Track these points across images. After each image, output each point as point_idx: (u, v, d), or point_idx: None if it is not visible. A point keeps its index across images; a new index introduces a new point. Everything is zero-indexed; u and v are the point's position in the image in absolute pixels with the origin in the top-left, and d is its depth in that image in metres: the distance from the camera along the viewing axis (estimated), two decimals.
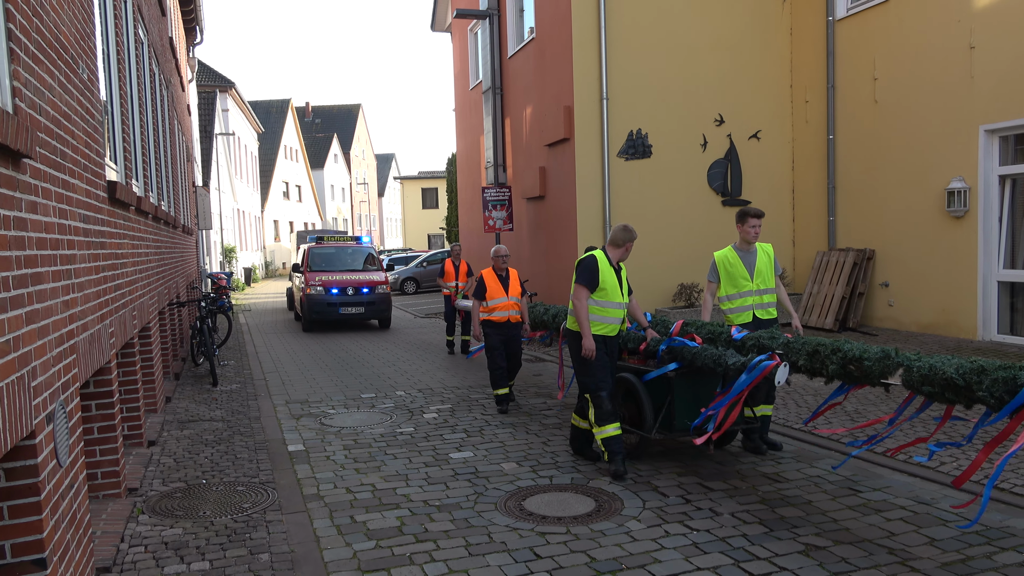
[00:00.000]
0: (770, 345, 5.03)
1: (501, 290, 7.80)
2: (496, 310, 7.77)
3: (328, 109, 61.43)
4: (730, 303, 6.11)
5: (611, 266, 5.63)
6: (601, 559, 4.06)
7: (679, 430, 5.57)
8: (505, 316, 7.76)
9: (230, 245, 29.19)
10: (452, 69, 19.66)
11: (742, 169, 12.77)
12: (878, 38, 11.19)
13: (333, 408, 8.03)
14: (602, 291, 5.57)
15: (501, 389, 7.68)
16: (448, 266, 11.83)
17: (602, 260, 5.61)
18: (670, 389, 5.55)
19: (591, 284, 5.53)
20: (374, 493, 5.24)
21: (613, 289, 5.60)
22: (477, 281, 7.82)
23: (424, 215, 54.24)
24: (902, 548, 4.08)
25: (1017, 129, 9.39)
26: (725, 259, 6.17)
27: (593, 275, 5.55)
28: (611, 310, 5.62)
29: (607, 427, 5.49)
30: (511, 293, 7.84)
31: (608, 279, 5.56)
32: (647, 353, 5.86)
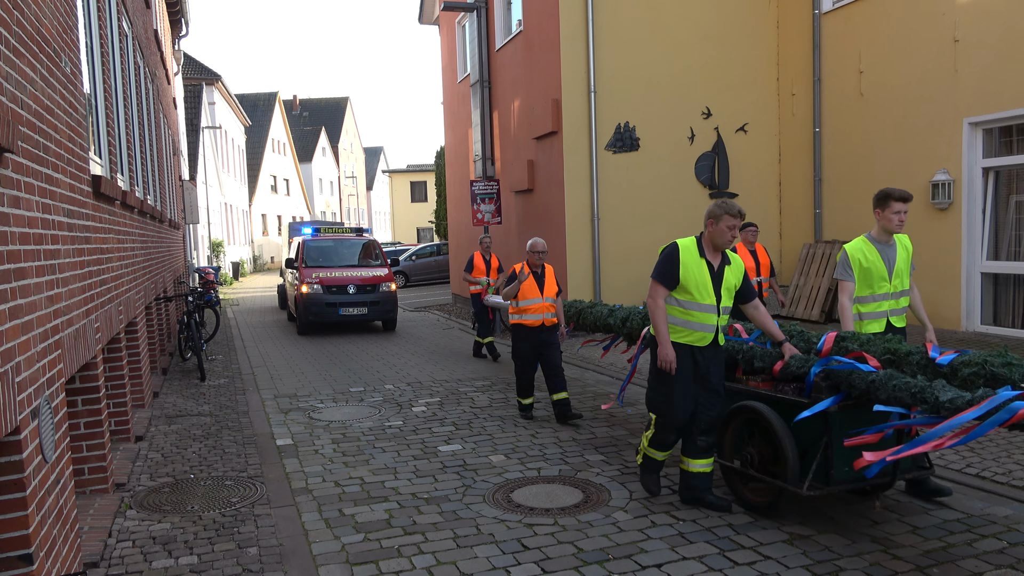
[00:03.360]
0: (1007, 375, 3.53)
1: (535, 289, 6.83)
2: (528, 312, 6.84)
3: (316, 102, 61.08)
4: (863, 307, 4.87)
5: (702, 258, 4.46)
6: (588, 550, 4.10)
7: (840, 482, 4.17)
8: (539, 319, 6.82)
9: (218, 239, 29.02)
10: (440, 62, 19.59)
11: (729, 162, 12.82)
12: (863, 31, 11.25)
13: (322, 402, 8.03)
14: (683, 291, 4.45)
15: (526, 399, 7.02)
16: (477, 260, 10.67)
17: (687, 250, 4.47)
18: (826, 428, 4.11)
19: (667, 280, 4.47)
20: (362, 486, 5.25)
21: (701, 288, 4.43)
22: (509, 278, 7.01)
23: (413, 208, 54.10)
24: (885, 536, 4.14)
25: (1000, 122, 9.47)
26: (861, 253, 4.86)
27: (670, 269, 4.46)
28: (698, 315, 4.47)
29: (659, 453, 4.78)
30: (547, 293, 6.85)
31: (694, 275, 4.43)
32: (785, 375, 4.44)
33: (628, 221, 12.26)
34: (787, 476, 4.18)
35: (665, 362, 4.44)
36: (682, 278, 4.45)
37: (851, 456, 4.05)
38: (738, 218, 4.40)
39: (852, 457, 4.02)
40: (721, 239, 4.44)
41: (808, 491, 4.11)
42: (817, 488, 4.15)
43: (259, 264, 40.95)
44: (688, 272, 4.44)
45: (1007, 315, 9.67)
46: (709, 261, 4.49)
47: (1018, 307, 9.54)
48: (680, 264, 4.45)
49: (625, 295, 11.80)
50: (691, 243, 4.52)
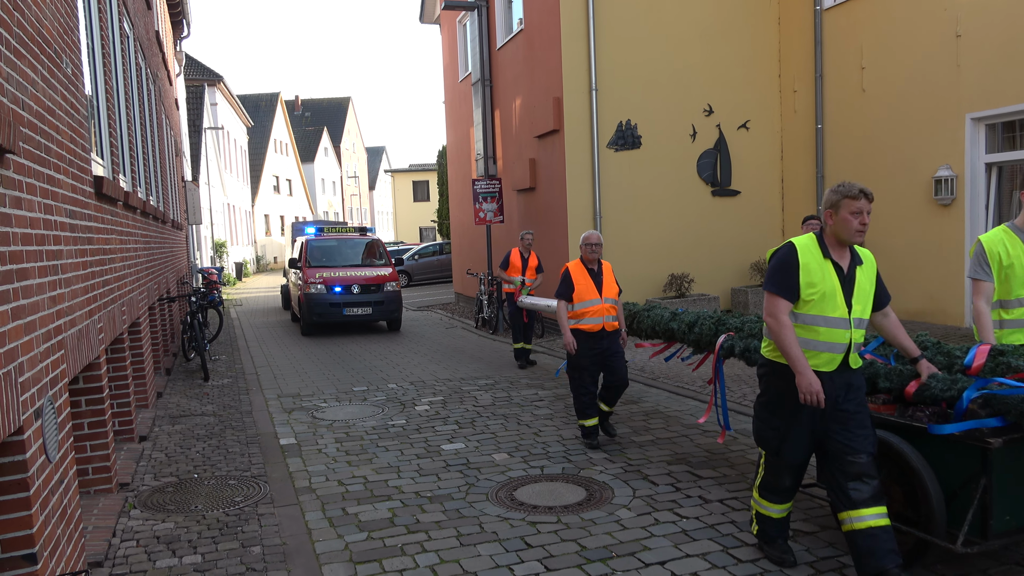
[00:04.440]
0: None
1: (593, 289, 6.00)
2: (587, 315, 5.98)
3: (318, 102, 61.11)
4: (1005, 313, 4.10)
5: (826, 258, 3.53)
6: (591, 547, 4.10)
7: (1002, 534, 3.41)
8: (599, 324, 5.96)
9: (220, 240, 29.08)
10: (441, 61, 19.59)
11: (731, 159, 12.80)
12: (865, 27, 11.22)
13: (325, 401, 8.04)
14: (808, 302, 3.51)
15: (589, 420, 6.00)
16: (514, 257, 10.02)
17: (807, 251, 3.55)
18: (985, 466, 3.31)
19: (787, 291, 3.52)
20: (366, 485, 5.26)
21: (828, 297, 3.49)
22: (563, 276, 6.10)
23: (415, 208, 54.13)
24: None
25: (1003, 117, 9.45)
26: (1002, 245, 4.08)
27: (787, 276, 3.53)
28: (825, 332, 3.51)
29: (773, 506, 3.83)
30: (606, 293, 6.02)
31: (819, 280, 3.49)
32: (921, 398, 3.64)
33: (630, 219, 12.25)
34: (930, 526, 3.41)
35: (810, 394, 3.40)
36: (803, 286, 3.49)
37: (1017, 502, 3.35)
38: (862, 199, 3.46)
39: (1018, 504, 3.35)
40: (846, 231, 3.48)
41: (963, 547, 3.32)
42: (974, 544, 3.36)
43: (262, 264, 41.00)
44: (811, 278, 3.49)
45: None
46: (836, 262, 3.53)
47: None
48: (800, 269, 3.51)
49: (628, 293, 11.79)
50: (810, 241, 3.59)
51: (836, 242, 3.57)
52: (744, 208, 12.89)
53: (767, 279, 3.62)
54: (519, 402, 7.69)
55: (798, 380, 3.45)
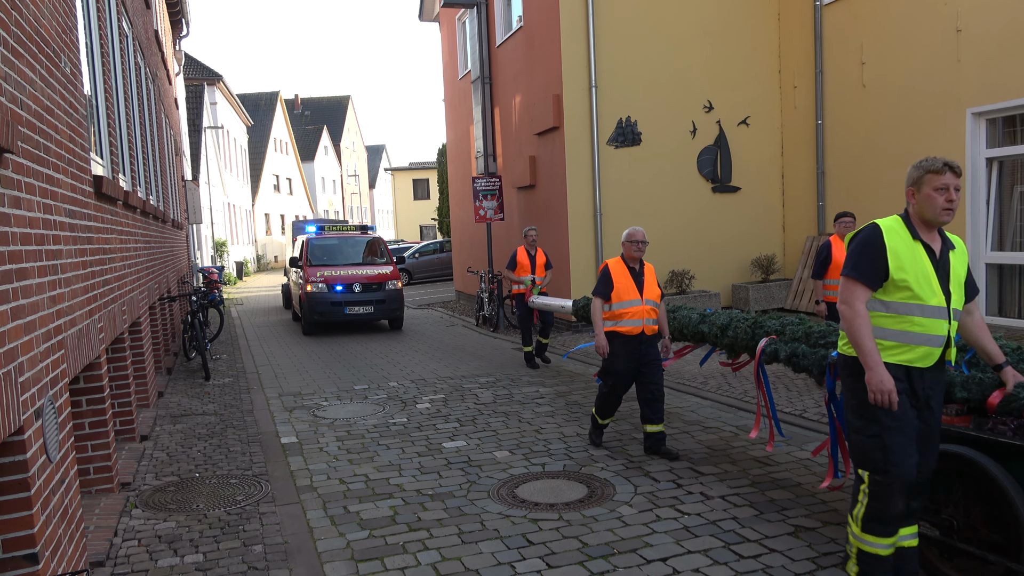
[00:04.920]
0: None
1: (633, 289, 5.63)
2: (625, 316, 5.60)
3: (317, 101, 61.07)
4: None
5: (916, 240, 3.16)
6: (593, 544, 4.10)
7: None
8: (638, 327, 5.59)
9: (221, 239, 29.08)
10: (441, 59, 19.57)
11: (731, 155, 12.78)
12: (865, 22, 11.20)
13: (326, 400, 8.04)
14: (898, 288, 3.13)
15: (605, 418, 5.85)
16: (521, 255, 9.55)
17: (894, 232, 3.18)
18: None
19: (870, 277, 3.15)
20: (367, 483, 5.26)
21: (923, 283, 3.12)
22: (601, 273, 5.77)
23: (415, 206, 54.11)
24: None
25: (1003, 112, 9.43)
26: None
27: (872, 260, 3.16)
28: (923, 322, 3.14)
29: (881, 541, 3.18)
30: (647, 295, 5.64)
31: (910, 265, 3.12)
32: (1006, 410, 3.31)
33: (631, 216, 12.23)
34: (1022, 554, 3.07)
35: (881, 392, 3.05)
36: (893, 271, 3.11)
37: None
38: (947, 173, 3.10)
39: None
40: (931, 210, 3.12)
41: None
42: None
43: (263, 263, 41.01)
44: (901, 262, 3.11)
45: (1012, 306, 9.63)
46: (926, 243, 3.17)
47: (1023, 298, 9.51)
48: (887, 251, 3.12)
49: None
50: (896, 223, 3.21)
51: (922, 223, 3.19)
52: (744, 204, 12.88)
53: (846, 262, 3.25)
54: (520, 399, 7.68)
55: (868, 377, 3.08)
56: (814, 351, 4.40)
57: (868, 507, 3.18)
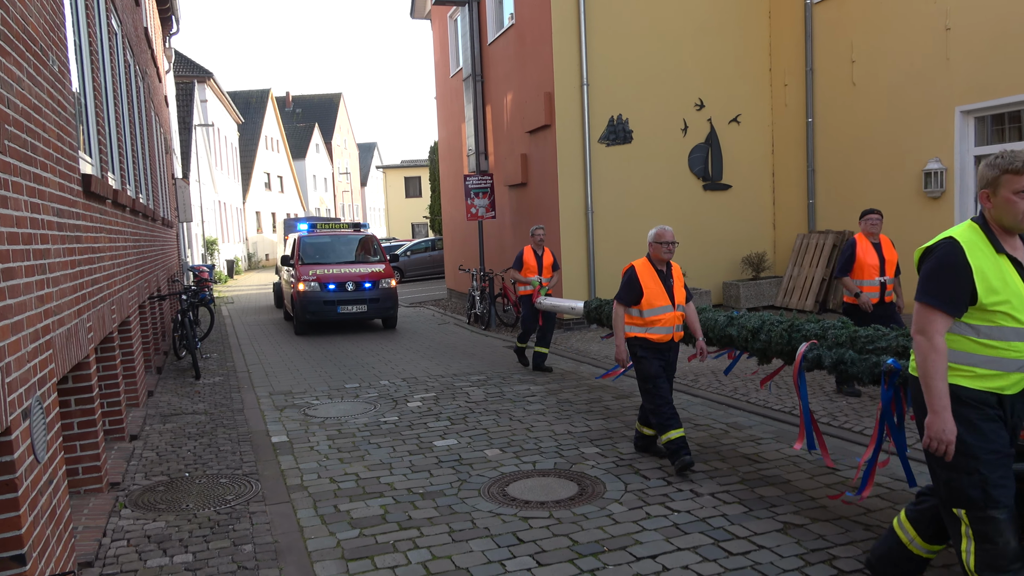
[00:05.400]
0: None
1: (664, 294, 5.27)
2: (656, 324, 5.27)
3: (309, 99, 60.86)
4: None
5: (1000, 253, 2.78)
6: (583, 542, 4.11)
7: None
8: (668, 334, 5.31)
9: (212, 237, 28.96)
10: (432, 56, 19.54)
11: (723, 153, 12.82)
12: (855, 21, 11.24)
13: (317, 399, 8.02)
14: (985, 311, 2.74)
15: (675, 430, 5.14)
16: (528, 256, 9.12)
17: (974, 247, 2.77)
18: None
19: (953, 303, 2.75)
20: (358, 482, 5.26)
21: (1017, 301, 2.74)
22: (627, 278, 5.37)
23: (407, 204, 54.00)
24: (877, 524, 4.16)
25: (992, 110, 9.49)
26: None
27: (955, 283, 2.74)
28: (1016, 347, 2.75)
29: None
30: (678, 299, 5.34)
31: (1001, 284, 2.73)
32: None
33: (622, 214, 12.26)
34: None
35: (940, 442, 2.73)
36: (984, 295, 2.71)
37: None
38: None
39: None
40: (1011, 216, 2.73)
41: None
42: None
43: (254, 262, 40.87)
44: (990, 282, 2.72)
45: None
46: (1011, 256, 2.78)
47: None
48: (973, 273, 2.72)
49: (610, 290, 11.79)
50: (974, 233, 2.79)
51: (1002, 230, 2.80)
52: (735, 202, 12.92)
53: (922, 286, 2.82)
54: (511, 398, 7.69)
55: (930, 420, 2.73)
56: (863, 358, 4.08)
57: (980, 550, 2.76)
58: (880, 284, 6.79)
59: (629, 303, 5.31)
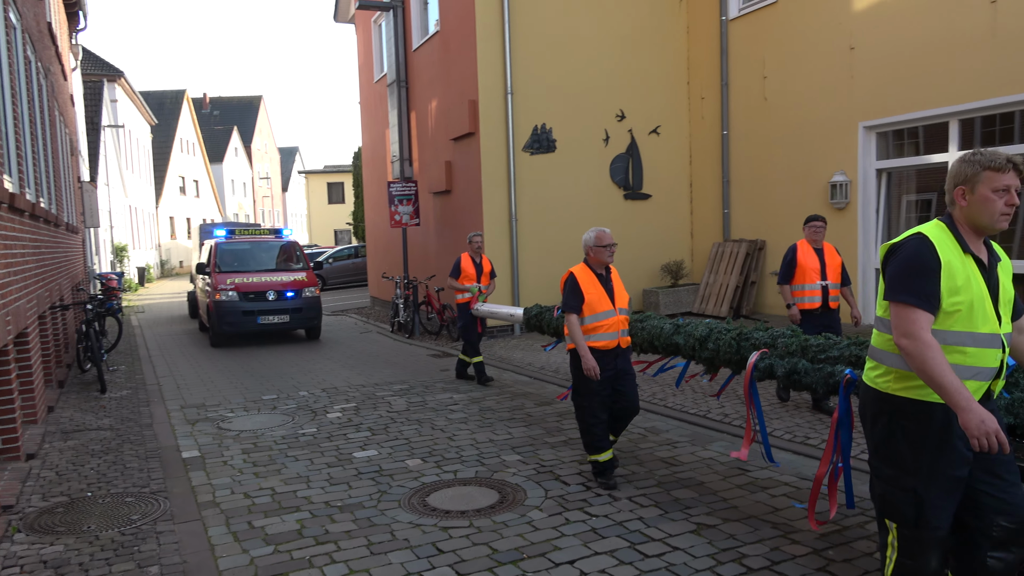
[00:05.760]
0: None
1: (605, 298, 5.10)
2: (600, 330, 5.05)
3: (227, 101, 59.11)
4: None
5: (967, 253, 2.64)
6: (502, 550, 4.11)
7: None
8: (614, 340, 5.08)
9: (121, 243, 27.71)
10: (357, 61, 19.29)
11: (643, 163, 13.12)
12: (767, 38, 11.72)
13: (232, 411, 7.76)
14: (951, 314, 2.60)
15: (603, 454, 5.05)
16: (465, 263, 8.83)
17: (944, 245, 2.63)
18: None
19: (930, 300, 2.58)
20: (273, 497, 5.11)
21: (979, 304, 2.61)
22: (568, 285, 5.15)
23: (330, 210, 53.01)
24: (785, 522, 4.32)
25: (892, 126, 10.04)
26: None
27: (929, 280, 2.59)
28: (975, 353, 2.62)
29: None
30: (619, 303, 5.14)
31: (964, 284, 2.60)
32: None
33: (545, 221, 12.38)
34: None
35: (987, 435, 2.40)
36: (947, 294, 2.58)
37: None
38: (1010, 171, 2.60)
39: None
40: (986, 215, 2.62)
41: None
42: None
43: (167, 269, 39.31)
44: (954, 281, 2.59)
45: None
46: (977, 257, 2.66)
47: None
48: (943, 268, 2.59)
49: (542, 296, 11.91)
50: (941, 231, 2.68)
51: (973, 231, 2.68)
52: (655, 211, 13.24)
53: (895, 285, 2.64)
54: (434, 407, 7.64)
55: (964, 419, 2.42)
56: (817, 367, 4.01)
57: (898, 564, 2.73)
58: (822, 288, 6.78)
59: (579, 310, 5.07)
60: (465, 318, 8.82)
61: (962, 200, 2.68)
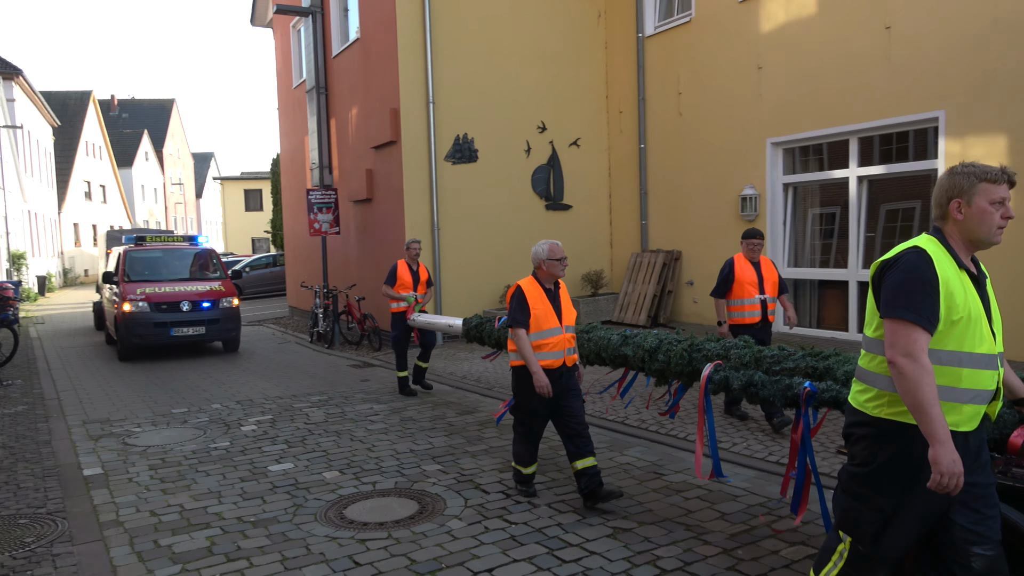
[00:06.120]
0: None
1: (552, 315, 4.86)
2: (545, 348, 4.82)
3: (138, 103, 56.78)
4: None
5: (961, 268, 2.55)
6: (421, 560, 4.07)
7: None
8: (559, 358, 4.85)
9: (19, 251, 26.14)
10: (275, 66, 18.87)
11: (564, 174, 13.32)
12: (681, 56, 12.12)
13: (139, 426, 7.42)
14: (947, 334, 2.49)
15: (528, 466, 5.06)
16: (402, 270, 8.50)
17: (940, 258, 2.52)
18: None
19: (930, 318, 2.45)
20: (182, 514, 4.91)
21: (975, 323, 2.51)
22: (515, 298, 4.89)
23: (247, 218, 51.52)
24: (697, 524, 4.45)
25: (798, 143, 10.55)
26: None
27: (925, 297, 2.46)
28: (970, 376, 2.51)
29: None
30: (567, 320, 4.93)
31: (962, 302, 2.49)
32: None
33: (467, 231, 12.40)
34: None
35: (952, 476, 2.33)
36: (946, 312, 2.47)
37: None
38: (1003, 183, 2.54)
39: None
40: (983, 229, 2.55)
41: None
42: None
43: (70, 278, 37.29)
44: (953, 299, 2.47)
45: (806, 317, 10.75)
46: (970, 271, 2.58)
47: (814, 310, 10.64)
48: (941, 284, 2.47)
49: (464, 306, 11.91)
50: (935, 246, 2.57)
51: (965, 245, 2.59)
52: (575, 222, 13.45)
53: (892, 301, 2.48)
54: (353, 417, 7.52)
55: (937, 453, 2.33)
56: (774, 380, 3.91)
57: (842, 573, 2.71)
58: (761, 302, 6.67)
59: (526, 325, 4.79)
60: (399, 328, 8.49)
61: (957, 213, 2.56)
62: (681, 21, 12.07)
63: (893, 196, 9.79)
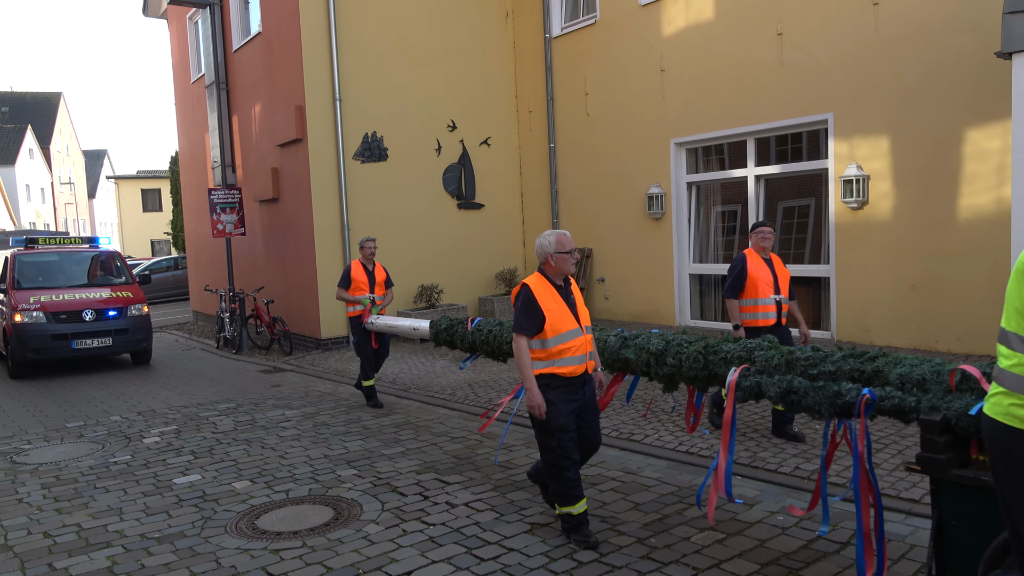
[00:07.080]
0: None
1: (569, 316, 4.17)
2: (567, 353, 4.12)
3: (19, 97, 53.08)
4: None
5: None
6: (338, 568, 4.01)
7: None
8: (582, 364, 4.17)
9: None
10: (171, 60, 18.06)
11: (475, 173, 13.34)
12: (588, 57, 12.36)
13: (29, 443, 6.98)
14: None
15: (578, 504, 4.16)
16: (356, 271, 7.92)
17: None
18: None
19: None
20: (80, 534, 4.65)
21: None
22: (522, 301, 4.17)
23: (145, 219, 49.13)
24: (612, 515, 4.57)
25: (700, 143, 10.94)
26: None
27: None
28: None
29: None
30: (583, 320, 4.24)
31: None
32: None
33: (379, 231, 12.21)
34: None
35: None
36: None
37: None
38: None
39: None
40: None
41: None
42: None
43: None
44: None
45: (710, 310, 11.19)
46: None
47: (719, 303, 11.07)
48: None
49: None
50: None
51: None
52: (488, 220, 13.50)
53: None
54: (264, 424, 7.30)
55: None
56: (819, 386, 3.42)
57: None
58: (776, 303, 6.03)
59: (533, 332, 4.12)
60: (359, 334, 7.88)
61: None
62: (586, 23, 12.30)
63: (789, 194, 10.31)
